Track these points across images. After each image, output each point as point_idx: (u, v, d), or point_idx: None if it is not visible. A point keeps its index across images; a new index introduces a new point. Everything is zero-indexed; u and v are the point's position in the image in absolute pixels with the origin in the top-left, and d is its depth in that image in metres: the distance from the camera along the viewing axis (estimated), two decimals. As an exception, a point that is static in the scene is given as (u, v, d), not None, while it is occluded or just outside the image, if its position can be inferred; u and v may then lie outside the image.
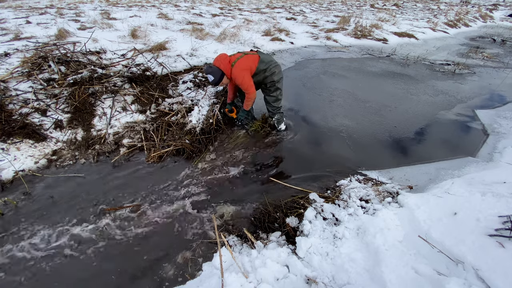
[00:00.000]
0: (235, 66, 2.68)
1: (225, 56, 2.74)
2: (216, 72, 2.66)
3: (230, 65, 2.70)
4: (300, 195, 2.28)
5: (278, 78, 2.91)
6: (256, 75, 2.84)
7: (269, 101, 3.05)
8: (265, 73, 2.84)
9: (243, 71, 2.69)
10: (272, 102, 3.04)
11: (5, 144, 2.71)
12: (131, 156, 2.88)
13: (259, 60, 2.80)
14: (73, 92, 3.33)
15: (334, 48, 7.07)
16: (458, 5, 21.58)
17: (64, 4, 11.10)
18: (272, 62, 2.86)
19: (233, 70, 2.69)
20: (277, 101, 3.04)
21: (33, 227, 2.06)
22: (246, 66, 2.71)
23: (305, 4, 15.90)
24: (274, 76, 2.87)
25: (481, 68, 6.09)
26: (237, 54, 2.82)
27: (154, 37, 5.59)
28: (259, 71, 2.82)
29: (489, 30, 11.87)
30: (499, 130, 3.36)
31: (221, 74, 2.68)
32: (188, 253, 1.89)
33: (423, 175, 2.57)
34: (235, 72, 2.69)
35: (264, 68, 2.81)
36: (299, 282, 1.54)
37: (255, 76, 2.84)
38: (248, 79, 2.72)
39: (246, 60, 2.74)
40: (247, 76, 2.71)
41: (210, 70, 2.67)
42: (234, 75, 2.70)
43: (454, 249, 1.51)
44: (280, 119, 3.19)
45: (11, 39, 4.83)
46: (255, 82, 2.84)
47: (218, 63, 2.68)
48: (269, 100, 3.05)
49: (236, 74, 2.68)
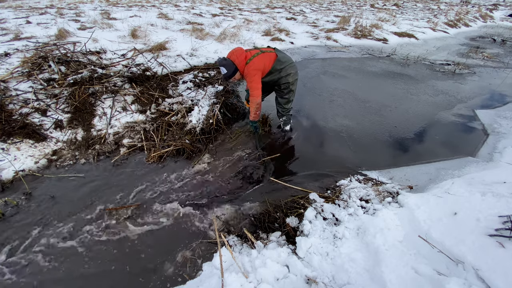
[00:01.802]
0: (249, 64, 2.55)
1: (242, 51, 2.59)
2: (230, 66, 2.53)
3: (245, 62, 2.57)
4: (300, 195, 2.29)
5: (293, 80, 2.78)
6: (270, 74, 2.70)
7: (281, 103, 2.95)
8: (280, 73, 2.71)
9: (256, 70, 2.56)
10: (284, 104, 2.95)
11: (5, 144, 2.71)
12: (131, 156, 2.88)
13: (276, 59, 2.66)
14: (73, 92, 3.33)
15: (334, 48, 7.07)
16: (458, 5, 21.57)
17: (64, 4, 11.10)
18: (288, 62, 2.72)
19: (247, 68, 2.57)
20: (289, 103, 2.96)
21: (33, 227, 2.06)
22: (260, 65, 2.58)
23: (305, 4, 15.89)
24: (289, 77, 2.74)
25: (481, 68, 6.09)
26: (254, 50, 2.67)
27: (154, 37, 5.59)
28: (274, 71, 2.68)
29: (489, 30, 11.87)
30: (499, 130, 3.36)
31: (235, 69, 2.56)
32: (188, 253, 1.89)
33: (423, 175, 2.57)
34: (248, 70, 2.57)
35: (280, 68, 2.68)
36: (299, 282, 1.54)
37: (269, 76, 2.71)
38: (257, 80, 2.60)
39: (262, 59, 2.61)
40: (257, 77, 2.59)
41: (224, 63, 2.53)
42: (246, 73, 2.58)
43: (454, 249, 1.51)
44: (288, 121, 3.15)
45: (11, 39, 4.84)
46: (268, 82, 2.74)
47: (233, 57, 2.55)
48: (281, 102, 2.95)
49: (248, 73, 2.57)
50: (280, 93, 2.90)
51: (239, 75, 2.64)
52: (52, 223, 2.09)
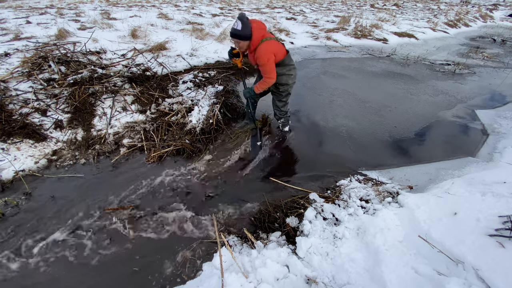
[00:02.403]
0: (265, 43, 2.37)
1: (264, 26, 2.44)
2: (247, 27, 2.31)
3: (261, 39, 2.39)
4: (300, 195, 2.29)
5: (292, 83, 2.77)
6: (277, 66, 2.57)
7: (279, 106, 2.94)
8: (284, 69, 2.63)
9: (270, 53, 2.40)
10: (281, 107, 2.95)
11: (5, 144, 2.71)
12: (131, 156, 2.88)
13: (287, 55, 2.60)
14: (73, 92, 3.33)
15: (334, 48, 7.07)
16: (458, 5, 21.58)
17: (64, 4, 11.10)
18: (293, 63, 2.70)
19: (261, 46, 2.37)
20: (286, 105, 2.97)
21: (33, 227, 2.06)
22: (274, 48, 2.44)
23: (305, 4, 15.89)
24: (290, 79, 2.70)
25: (481, 68, 6.09)
26: (271, 34, 2.53)
27: (154, 37, 5.59)
28: (282, 64, 2.59)
29: (489, 30, 11.87)
30: (499, 130, 3.36)
31: (249, 35, 2.35)
32: (188, 253, 1.89)
33: (423, 175, 2.57)
34: (262, 49, 2.37)
35: (287, 64, 2.62)
36: (299, 282, 1.54)
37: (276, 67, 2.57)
38: (272, 62, 2.45)
39: (278, 45, 2.51)
40: (272, 59, 2.44)
41: (244, 21, 2.30)
42: (260, 51, 2.38)
43: (454, 249, 1.51)
44: (286, 122, 3.15)
45: (11, 39, 4.83)
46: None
47: (254, 25, 2.36)
48: (278, 105, 2.94)
49: (262, 52, 2.37)
50: (278, 95, 2.87)
51: (247, 45, 2.44)
52: (52, 223, 2.09)
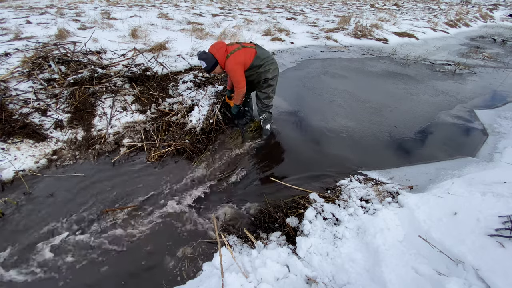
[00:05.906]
0: (230, 58, 2.60)
1: (222, 45, 2.63)
2: (210, 59, 2.58)
3: (226, 56, 2.61)
4: (300, 195, 2.29)
5: (272, 76, 2.81)
6: (249, 70, 2.73)
7: (260, 97, 2.97)
8: (259, 69, 2.74)
9: (237, 65, 2.61)
10: (263, 99, 2.95)
11: (5, 144, 2.71)
12: (131, 156, 2.88)
13: (255, 56, 2.69)
14: (73, 92, 3.33)
15: (334, 48, 7.06)
16: (459, 5, 21.57)
17: (64, 4, 11.10)
18: (268, 58, 2.75)
19: (227, 62, 2.61)
20: (268, 98, 2.96)
21: (33, 227, 2.06)
22: (240, 60, 2.63)
23: (305, 4, 15.89)
24: (268, 73, 2.77)
25: (482, 68, 6.09)
26: (235, 45, 2.70)
27: (154, 37, 5.59)
28: (253, 67, 2.71)
29: (489, 30, 11.87)
30: (499, 130, 3.36)
31: (215, 63, 2.60)
32: (188, 253, 1.89)
33: (423, 175, 2.57)
34: (229, 64, 2.61)
35: (258, 64, 2.71)
36: (299, 282, 1.54)
37: (248, 71, 2.74)
38: (240, 73, 2.65)
39: (243, 53, 2.65)
40: (239, 70, 2.64)
41: (205, 57, 2.57)
42: (228, 67, 2.63)
43: (454, 249, 1.51)
44: (267, 119, 3.12)
45: (12, 39, 4.84)
46: (247, 78, 2.76)
47: (214, 50, 2.59)
48: (260, 96, 2.97)
49: (230, 67, 2.62)
50: (259, 87, 2.93)
51: (220, 68, 2.69)
52: (51, 223, 2.09)
